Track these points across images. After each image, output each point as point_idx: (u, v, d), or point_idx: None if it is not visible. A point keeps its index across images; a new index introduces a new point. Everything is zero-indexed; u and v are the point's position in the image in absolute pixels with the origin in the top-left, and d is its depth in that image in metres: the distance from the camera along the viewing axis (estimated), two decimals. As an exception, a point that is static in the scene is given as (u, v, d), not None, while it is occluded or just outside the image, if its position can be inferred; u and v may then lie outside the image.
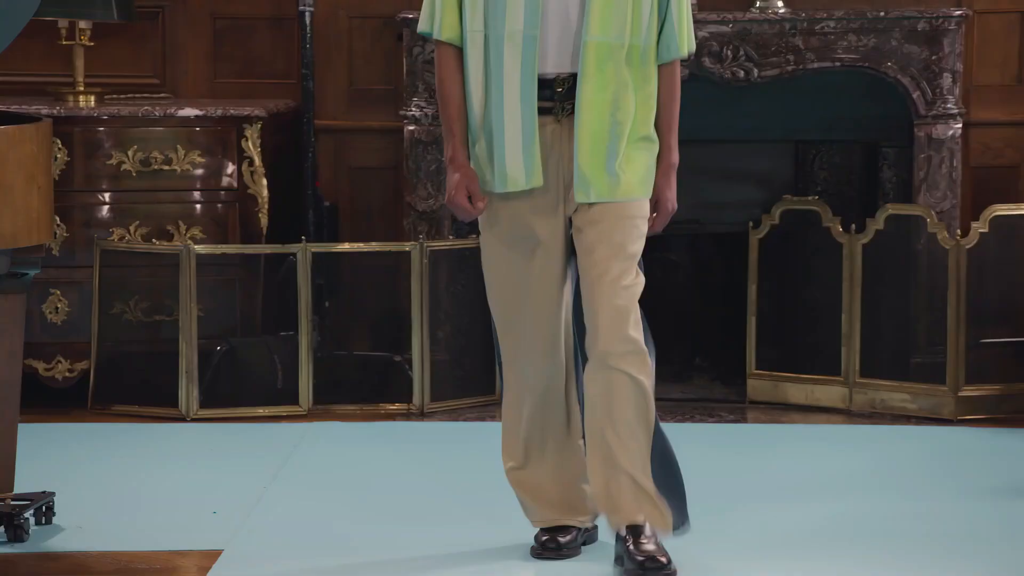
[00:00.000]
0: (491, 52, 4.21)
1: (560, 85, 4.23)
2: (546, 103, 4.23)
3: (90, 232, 6.22)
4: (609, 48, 4.18)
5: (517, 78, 4.19)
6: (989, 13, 6.53)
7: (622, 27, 4.19)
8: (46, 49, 6.48)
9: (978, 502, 5.10)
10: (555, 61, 4.21)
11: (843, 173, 6.77)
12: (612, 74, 4.20)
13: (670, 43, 4.28)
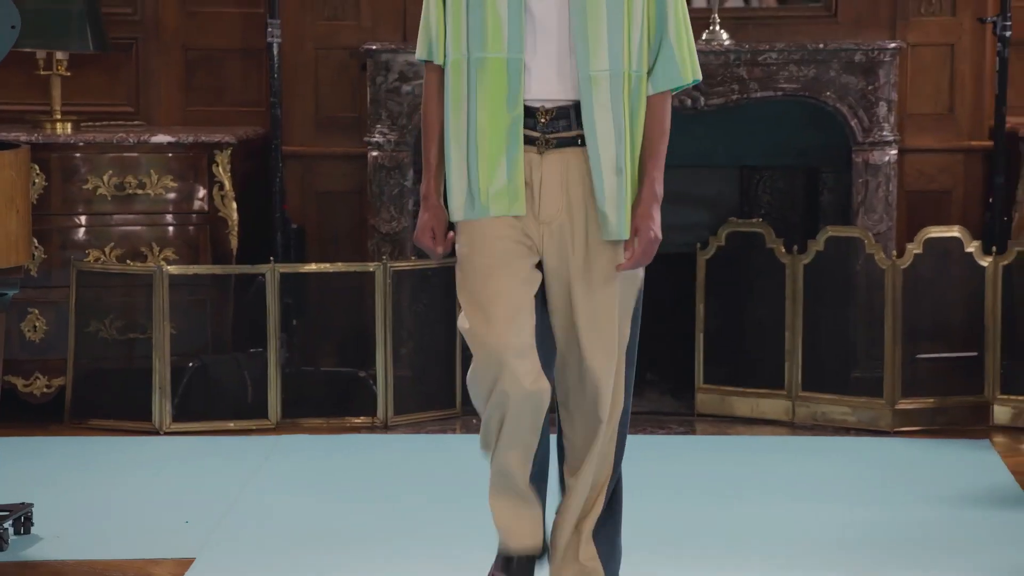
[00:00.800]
0: (474, 78, 3.83)
1: (544, 115, 3.84)
2: (529, 131, 3.83)
3: (67, 254, 6.20)
4: (611, 77, 3.78)
5: (502, 103, 3.80)
6: (922, 46, 6.54)
7: (619, 54, 3.80)
8: (24, 79, 6.45)
9: (915, 509, 5.11)
10: (540, 89, 3.83)
11: (785, 197, 6.79)
12: (616, 105, 3.80)
13: (669, 69, 3.85)
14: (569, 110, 3.82)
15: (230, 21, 6.70)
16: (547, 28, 3.79)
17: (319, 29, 6.55)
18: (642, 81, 3.82)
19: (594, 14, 3.76)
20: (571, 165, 3.83)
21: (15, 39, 4.65)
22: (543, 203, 3.84)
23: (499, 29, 3.79)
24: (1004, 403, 6.15)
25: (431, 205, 3.91)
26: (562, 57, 3.80)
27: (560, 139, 3.83)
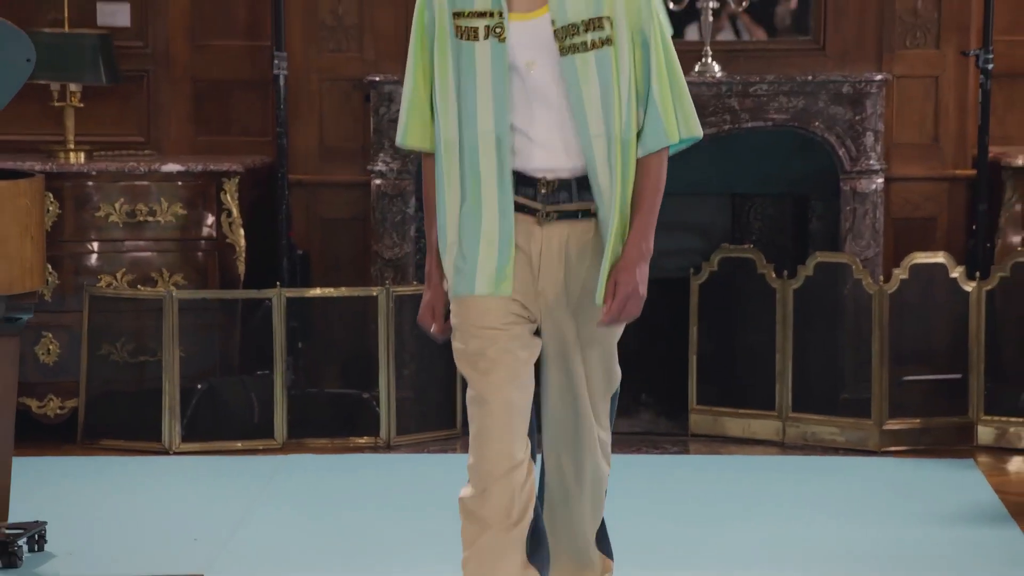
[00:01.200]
0: (466, 155, 3.65)
1: (545, 187, 3.65)
2: (527, 201, 3.66)
3: (80, 279, 6.20)
4: (607, 141, 3.60)
5: (493, 179, 3.63)
6: (907, 78, 6.54)
7: (611, 119, 3.62)
8: (39, 110, 6.46)
9: (902, 527, 5.11)
10: (535, 159, 3.65)
11: (776, 224, 6.79)
12: (609, 170, 3.61)
13: (653, 130, 3.65)
14: (571, 183, 3.66)
15: (238, 54, 6.71)
16: (543, 98, 3.64)
17: (323, 61, 6.57)
18: (631, 145, 3.64)
19: (586, 80, 3.61)
20: (571, 238, 3.66)
21: (31, 72, 4.66)
22: (542, 274, 3.68)
23: (486, 107, 3.64)
24: (988, 424, 6.15)
25: (433, 285, 3.76)
26: (561, 125, 3.64)
27: (561, 212, 3.66)
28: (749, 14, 6.76)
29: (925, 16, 6.53)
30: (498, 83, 3.62)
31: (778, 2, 6.86)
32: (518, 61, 3.62)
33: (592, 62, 3.60)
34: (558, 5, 3.60)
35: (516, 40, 3.62)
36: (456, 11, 3.66)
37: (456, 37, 3.67)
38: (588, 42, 3.60)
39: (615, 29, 3.61)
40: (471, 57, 3.64)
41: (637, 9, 3.63)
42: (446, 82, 3.68)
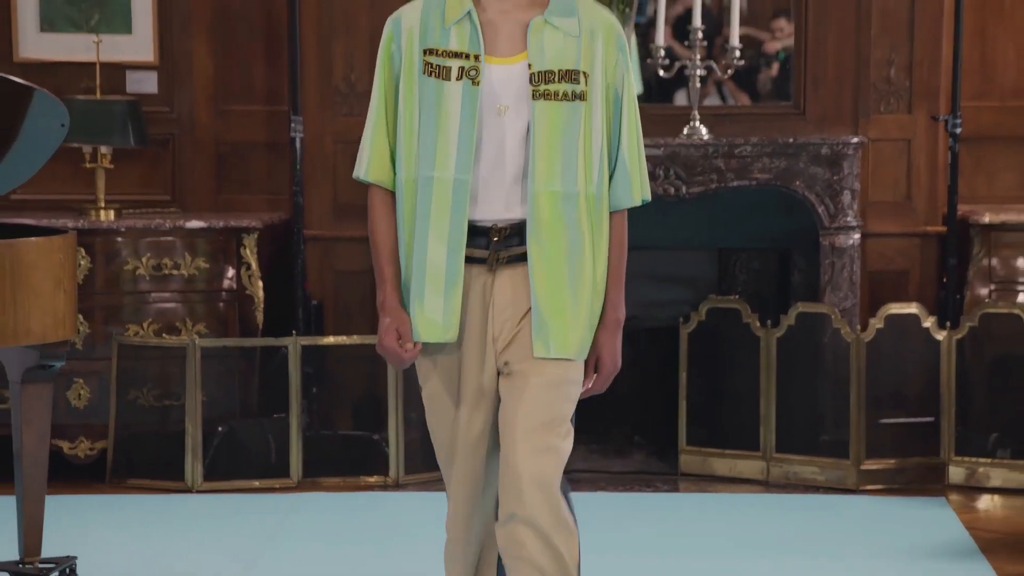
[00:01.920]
0: (420, 197, 3.40)
1: (496, 234, 3.40)
2: (479, 251, 3.41)
3: (109, 329, 6.21)
4: (564, 197, 3.37)
5: (446, 224, 3.37)
6: (881, 141, 6.55)
7: (574, 175, 3.38)
8: (73, 171, 6.48)
9: (878, 561, 5.11)
10: (491, 208, 3.41)
11: (760, 276, 6.80)
12: (567, 223, 3.38)
13: (622, 190, 3.46)
14: (522, 226, 3.40)
15: (257, 118, 6.74)
16: (510, 145, 3.38)
17: (337, 125, 6.59)
18: (603, 200, 3.43)
19: (552, 136, 3.36)
20: (520, 282, 3.42)
21: (65, 136, 4.67)
22: (494, 321, 3.44)
23: (448, 150, 3.37)
24: (958, 464, 6.16)
25: (391, 309, 3.47)
26: (517, 178, 3.39)
27: (511, 256, 3.42)
28: (734, 81, 6.79)
29: (897, 84, 6.55)
30: (466, 127, 3.37)
31: (761, 70, 6.89)
32: (490, 105, 3.38)
33: (562, 113, 3.37)
34: (537, 51, 3.38)
35: (491, 84, 3.38)
36: (428, 47, 3.40)
37: (424, 74, 3.40)
38: (560, 92, 3.37)
39: (590, 85, 3.40)
40: (439, 97, 3.38)
41: (614, 65, 3.44)
42: (409, 119, 3.42)
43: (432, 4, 3.43)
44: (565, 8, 3.41)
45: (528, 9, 3.42)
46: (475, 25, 3.39)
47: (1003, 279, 6.40)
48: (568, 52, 3.39)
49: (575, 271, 3.41)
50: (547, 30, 3.40)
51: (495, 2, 3.42)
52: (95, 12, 6.55)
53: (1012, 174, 6.75)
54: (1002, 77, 6.72)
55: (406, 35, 3.42)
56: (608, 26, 3.45)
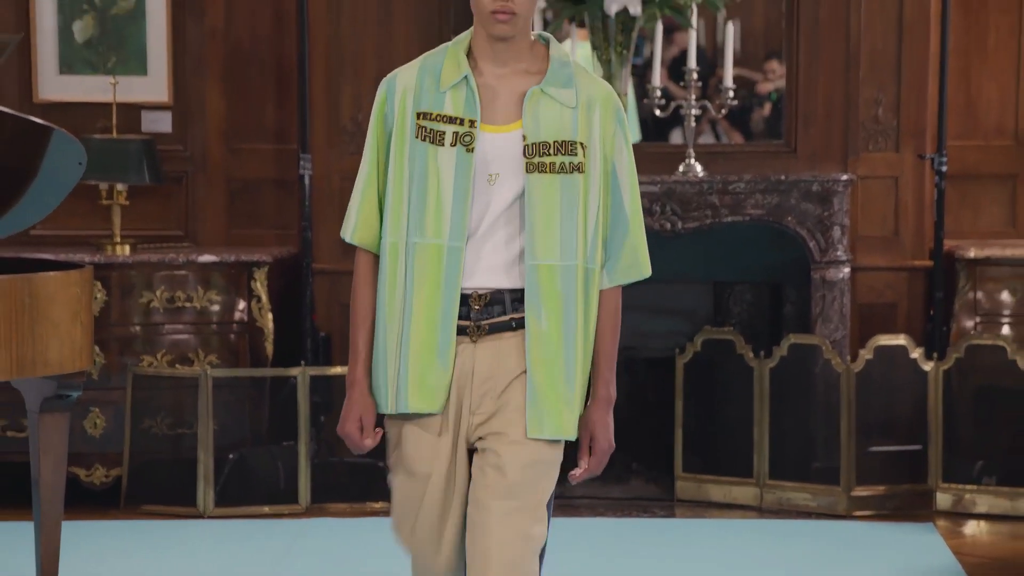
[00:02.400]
0: (408, 263, 3.19)
1: (478, 302, 3.18)
2: (463, 322, 3.18)
3: (124, 359, 6.21)
4: (563, 270, 3.17)
5: (438, 293, 3.16)
6: (870, 178, 6.55)
7: (573, 248, 3.17)
8: (90, 207, 6.47)
9: (868, 585, 5.12)
10: (482, 278, 3.20)
11: (753, 309, 6.79)
12: (564, 297, 3.18)
13: (626, 266, 3.25)
14: (504, 294, 3.19)
15: (267, 156, 6.75)
16: (499, 215, 3.19)
17: (344, 163, 6.59)
18: (595, 275, 3.21)
19: (548, 202, 3.17)
20: (503, 350, 3.21)
21: (82, 173, 4.68)
22: (474, 392, 3.21)
23: (441, 215, 3.16)
24: (946, 491, 6.15)
25: (359, 392, 3.26)
26: (509, 245, 3.20)
27: (493, 324, 3.20)
28: (728, 120, 6.80)
29: (885, 123, 6.57)
30: (459, 194, 3.16)
31: (754, 109, 6.91)
32: (481, 173, 3.19)
33: (557, 185, 3.17)
34: (532, 121, 3.19)
35: (484, 152, 3.18)
36: (422, 111, 3.21)
37: (417, 138, 3.20)
38: (557, 164, 3.17)
39: (588, 157, 3.19)
40: (432, 162, 3.18)
41: (612, 136, 3.22)
42: (399, 183, 3.21)
43: (428, 66, 3.25)
44: (563, 78, 3.22)
45: (526, 76, 3.23)
46: (472, 90, 3.20)
47: (988, 312, 6.40)
48: (564, 123, 3.20)
49: (571, 347, 3.20)
50: (544, 100, 3.21)
51: (493, 68, 3.23)
52: (112, 55, 6.57)
53: (996, 210, 6.76)
54: (985, 117, 6.74)
55: (400, 97, 3.23)
56: (606, 98, 3.24)
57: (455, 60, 3.23)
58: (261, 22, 6.68)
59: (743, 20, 6.81)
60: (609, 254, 3.24)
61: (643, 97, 6.58)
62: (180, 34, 6.61)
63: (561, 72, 3.24)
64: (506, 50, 3.22)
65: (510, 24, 3.17)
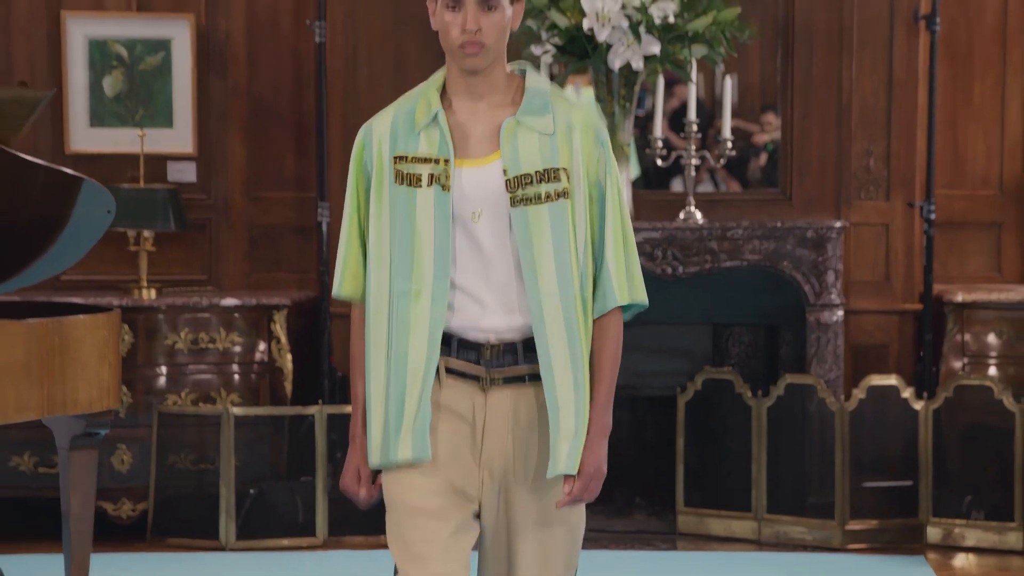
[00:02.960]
0: (395, 311, 2.98)
1: (490, 351, 2.99)
2: (471, 367, 2.99)
3: (150, 398, 6.22)
4: (564, 300, 2.98)
5: (424, 339, 2.96)
6: (862, 225, 6.57)
7: (569, 276, 2.98)
8: (118, 253, 6.49)
9: (861, 615, 5.10)
10: (484, 320, 2.99)
11: (751, 350, 6.79)
12: (568, 327, 2.98)
13: (602, 294, 3.02)
14: (516, 345, 3.00)
15: (287, 204, 6.77)
16: (488, 252, 2.99)
17: (361, 210, 6.60)
18: (589, 303, 3.02)
19: (539, 234, 2.97)
20: (519, 404, 3.01)
21: (111, 221, 4.69)
22: (485, 446, 3.00)
23: (422, 261, 2.97)
24: (936, 525, 6.14)
25: (359, 446, 3.08)
26: (507, 283, 2.99)
27: (507, 376, 2.99)
28: (726, 169, 6.82)
29: (876, 173, 6.59)
30: (440, 235, 2.97)
31: (751, 159, 6.93)
32: (462, 211, 2.99)
33: (546, 215, 2.98)
34: (511, 152, 3.00)
35: (462, 188, 3.00)
36: (398, 154, 3.03)
37: (395, 182, 3.02)
38: (542, 194, 2.98)
39: (572, 182, 3.01)
40: (411, 205, 2.99)
41: (596, 160, 3.04)
42: (380, 229, 3.02)
43: (403, 110, 3.08)
44: (538, 106, 3.04)
45: (500, 108, 3.05)
46: (443, 128, 3.02)
47: (975, 353, 6.40)
48: (544, 151, 3.01)
49: (581, 379, 3.00)
50: (521, 131, 3.02)
51: (465, 102, 3.05)
52: (140, 109, 6.61)
53: (982, 257, 6.77)
54: (972, 168, 6.76)
55: (376, 143, 3.06)
56: (585, 120, 3.06)
57: (426, 99, 3.07)
58: (281, 77, 6.71)
59: (740, 75, 6.84)
60: (601, 279, 3.04)
61: (645, 147, 6.60)
62: (204, 89, 6.65)
63: (536, 100, 3.05)
64: (480, 83, 3.04)
65: (480, 56, 3.00)
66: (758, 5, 6.71)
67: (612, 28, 6.07)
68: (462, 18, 2.99)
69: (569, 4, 6.14)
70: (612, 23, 6.07)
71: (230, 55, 6.66)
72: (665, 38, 6.12)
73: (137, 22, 6.55)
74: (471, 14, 2.98)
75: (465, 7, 2.99)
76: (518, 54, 6.29)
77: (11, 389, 4.36)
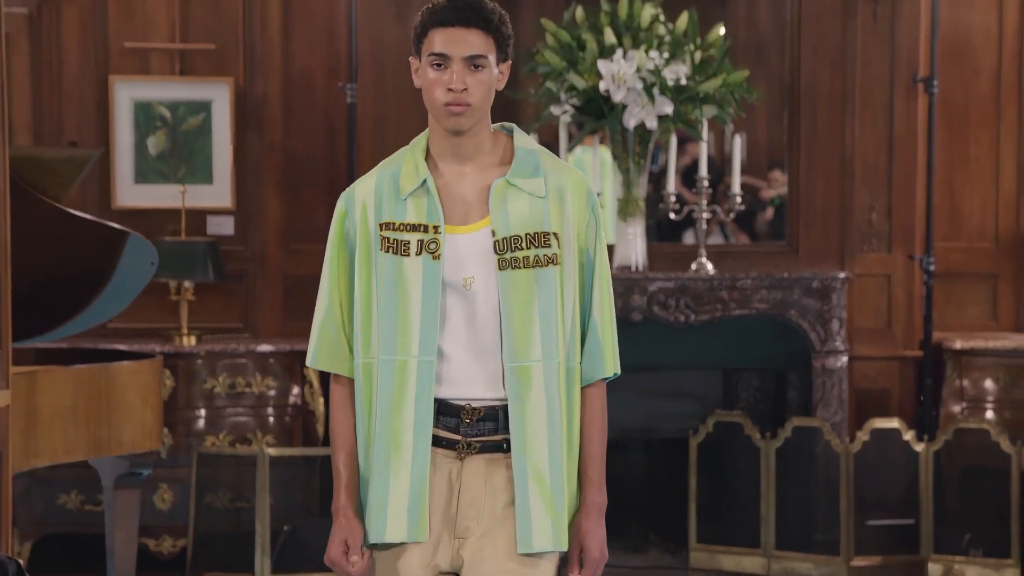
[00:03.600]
0: (382, 382, 2.75)
1: (469, 416, 2.74)
2: (448, 434, 2.76)
3: (189, 440, 6.22)
4: (544, 370, 2.74)
5: (410, 411, 2.72)
6: (865, 276, 6.58)
7: (553, 345, 2.75)
8: (160, 302, 6.49)
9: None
10: (463, 387, 2.75)
11: (760, 394, 6.79)
12: (548, 398, 2.74)
13: (596, 360, 2.81)
14: (497, 411, 2.76)
15: (320, 256, 6.67)
16: (477, 318, 2.76)
17: (390, 262, 6.62)
18: (576, 373, 2.80)
19: (526, 300, 2.74)
20: (495, 473, 2.77)
21: (154, 272, 4.73)
22: (460, 516, 2.77)
23: (410, 331, 2.72)
24: (937, 561, 6.11)
25: (343, 516, 2.84)
26: (492, 348, 2.75)
27: (484, 443, 2.76)
28: (735, 223, 6.84)
29: (878, 227, 6.59)
30: (429, 304, 2.73)
31: (759, 213, 6.95)
32: (455, 278, 2.76)
33: (533, 280, 2.74)
34: (501, 216, 2.77)
35: (452, 255, 2.77)
36: (384, 221, 2.78)
37: (382, 250, 2.77)
38: (531, 258, 2.74)
39: (562, 247, 2.78)
40: (399, 274, 2.75)
41: (586, 226, 2.82)
42: (366, 299, 2.78)
43: (386, 174, 2.85)
44: (530, 167, 2.81)
45: (490, 170, 2.82)
46: (433, 194, 2.79)
47: (973, 398, 6.40)
48: (535, 214, 2.78)
49: (557, 451, 2.76)
50: (511, 192, 2.79)
51: (454, 165, 2.82)
52: (181, 166, 6.66)
53: (979, 306, 6.77)
54: (968, 222, 6.77)
55: (359, 210, 2.82)
56: (577, 184, 2.84)
57: (413, 164, 2.83)
58: (315, 135, 6.76)
59: (749, 133, 6.87)
60: (587, 350, 2.82)
61: (659, 201, 6.63)
62: (242, 147, 6.70)
63: (527, 161, 2.82)
64: (465, 145, 2.81)
65: (466, 116, 2.77)
66: (765, 68, 6.75)
67: (627, 90, 6.11)
68: (448, 76, 2.76)
69: (587, 67, 6.19)
70: (627, 85, 6.11)
71: (266, 115, 6.71)
72: (677, 99, 6.16)
73: (180, 85, 6.62)
74: (458, 73, 2.76)
75: (451, 65, 2.77)
76: (537, 115, 6.33)
77: (60, 431, 4.39)
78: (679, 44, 6.19)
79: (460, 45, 2.76)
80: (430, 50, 2.78)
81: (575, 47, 6.23)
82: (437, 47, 2.77)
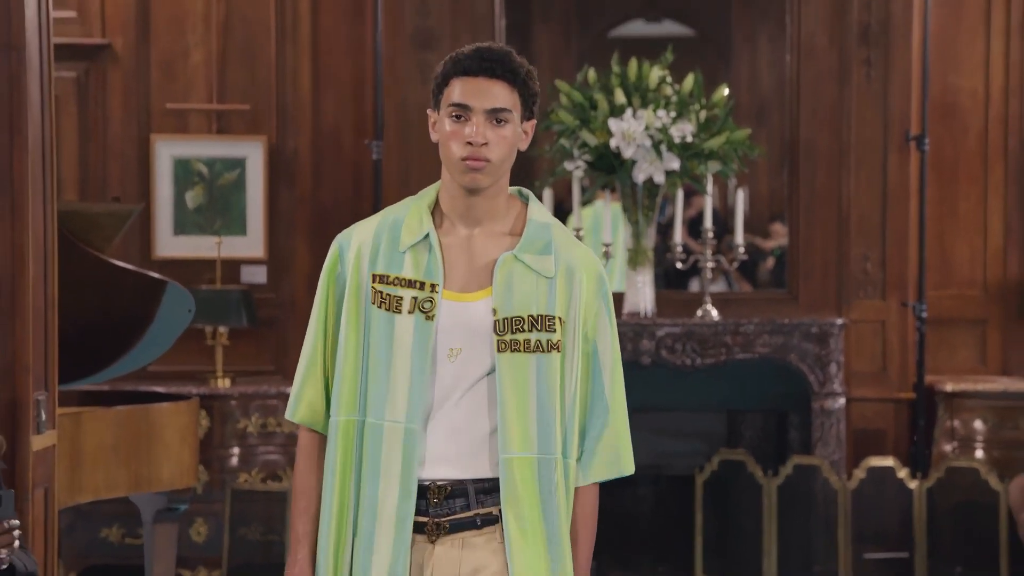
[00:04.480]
0: (368, 446, 2.41)
1: (436, 494, 2.40)
2: (418, 517, 2.41)
3: (224, 477, 6.21)
4: (541, 464, 2.40)
5: (395, 482, 2.39)
6: (861, 322, 6.56)
7: (550, 438, 2.39)
8: (197, 347, 6.50)
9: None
10: (433, 465, 2.41)
11: (762, 433, 6.77)
12: (544, 493, 2.41)
13: (607, 460, 2.47)
14: (467, 487, 2.41)
15: (347, 302, 6.79)
16: (461, 395, 2.42)
17: (413, 308, 6.63)
18: (572, 469, 2.45)
19: (523, 394, 2.40)
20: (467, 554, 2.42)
21: (191, 319, 4.76)
22: None
23: (397, 392, 2.40)
24: (931, 593, 6.11)
25: None
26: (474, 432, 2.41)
27: (454, 522, 2.40)
28: (738, 271, 6.85)
29: (873, 276, 6.59)
30: (418, 367, 2.40)
31: (760, 263, 6.95)
32: (442, 346, 2.42)
33: (532, 366, 2.40)
34: (504, 291, 2.42)
35: (445, 322, 2.42)
36: (378, 273, 2.45)
37: (373, 303, 2.43)
38: (532, 342, 2.40)
39: (566, 334, 2.43)
40: (388, 330, 2.41)
41: (595, 314, 2.47)
42: (353, 353, 2.45)
43: (387, 222, 2.50)
44: (541, 244, 2.46)
45: (498, 239, 2.47)
46: (434, 251, 2.45)
47: (964, 438, 6.38)
48: (540, 295, 2.43)
49: (557, 549, 2.42)
50: (517, 268, 2.44)
51: (462, 226, 2.48)
52: (217, 219, 6.69)
53: (969, 351, 6.76)
54: (958, 271, 6.77)
55: (354, 256, 2.47)
56: (590, 268, 2.48)
57: (417, 216, 2.49)
58: (342, 188, 6.79)
59: (751, 187, 6.89)
60: (586, 447, 2.48)
61: (666, 251, 6.64)
62: (274, 200, 6.73)
63: (539, 236, 2.46)
64: (478, 205, 2.46)
65: (484, 173, 2.43)
66: (766, 126, 6.78)
67: (637, 147, 6.14)
68: (468, 129, 2.43)
69: (598, 125, 6.22)
70: (637, 142, 6.14)
71: (297, 169, 6.75)
72: (684, 155, 6.18)
73: (217, 143, 6.66)
74: (479, 125, 2.42)
75: (472, 117, 2.42)
76: (551, 170, 6.36)
77: (102, 469, 4.40)
78: (685, 104, 6.22)
79: (483, 97, 2.42)
80: (450, 100, 2.44)
81: (587, 106, 6.26)
82: (457, 97, 2.43)
